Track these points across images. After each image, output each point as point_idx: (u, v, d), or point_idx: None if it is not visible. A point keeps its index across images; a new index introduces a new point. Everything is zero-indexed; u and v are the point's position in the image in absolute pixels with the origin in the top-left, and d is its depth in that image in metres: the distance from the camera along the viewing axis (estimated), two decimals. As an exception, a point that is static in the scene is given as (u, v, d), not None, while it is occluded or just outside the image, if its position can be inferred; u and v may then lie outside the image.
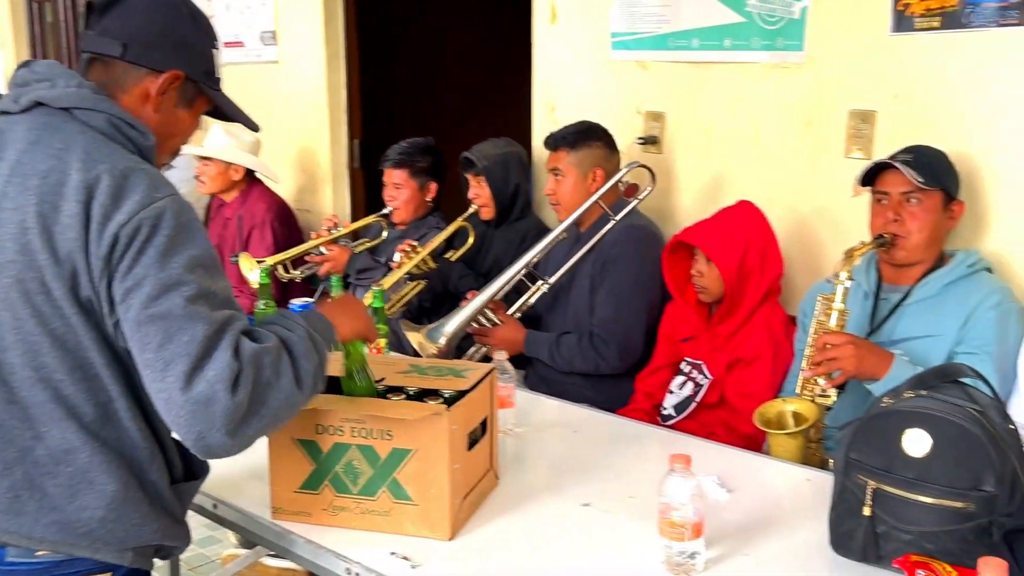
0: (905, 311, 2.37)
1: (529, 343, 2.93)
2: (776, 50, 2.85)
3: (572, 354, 2.86)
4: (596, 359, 2.82)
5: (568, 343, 2.87)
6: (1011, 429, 1.56)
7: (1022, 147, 2.45)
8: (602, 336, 2.82)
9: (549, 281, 2.96)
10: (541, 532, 1.74)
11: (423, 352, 2.79)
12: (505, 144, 3.39)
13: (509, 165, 3.32)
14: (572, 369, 2.88)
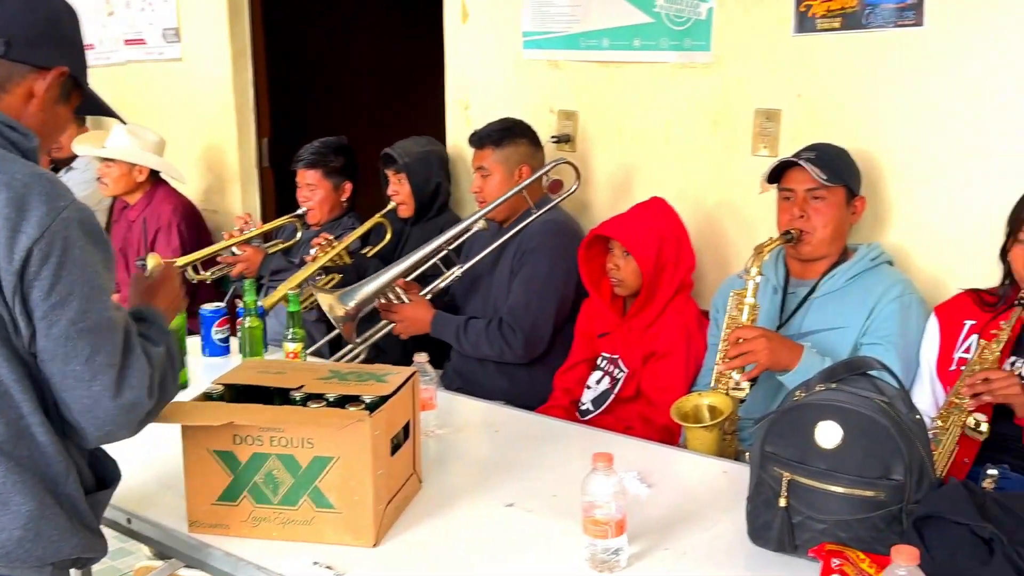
0: (812, 304, 2.45)
1: (436, 323, 2.91)
2: (684, 50, 2.90)
3: (479, 338, 2.85)
4: (502, 345, 2.83)
5: (476, 327, 2.87)
6: (917, 419, 1.62)
7: (918, 144, 2.55)
8: (510, 324, 2.83)
9: (463, 267, 2.96)
10: (465, 534, 1.74)
11: (332, 314, 2.79)
12: (427, 142, 3.38)
13: (431, 163, 3.31)
14: (477, 353, 2.88)
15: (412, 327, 2.93)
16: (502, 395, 2.82)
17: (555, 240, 2.88)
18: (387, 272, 2.90)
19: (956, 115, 2.48)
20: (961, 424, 2.07)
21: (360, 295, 2.83)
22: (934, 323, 2.33)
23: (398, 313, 2.92)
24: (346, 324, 2.85)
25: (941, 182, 2.53)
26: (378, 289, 2.87)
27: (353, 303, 2.82)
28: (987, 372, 2.01)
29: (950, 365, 2.24)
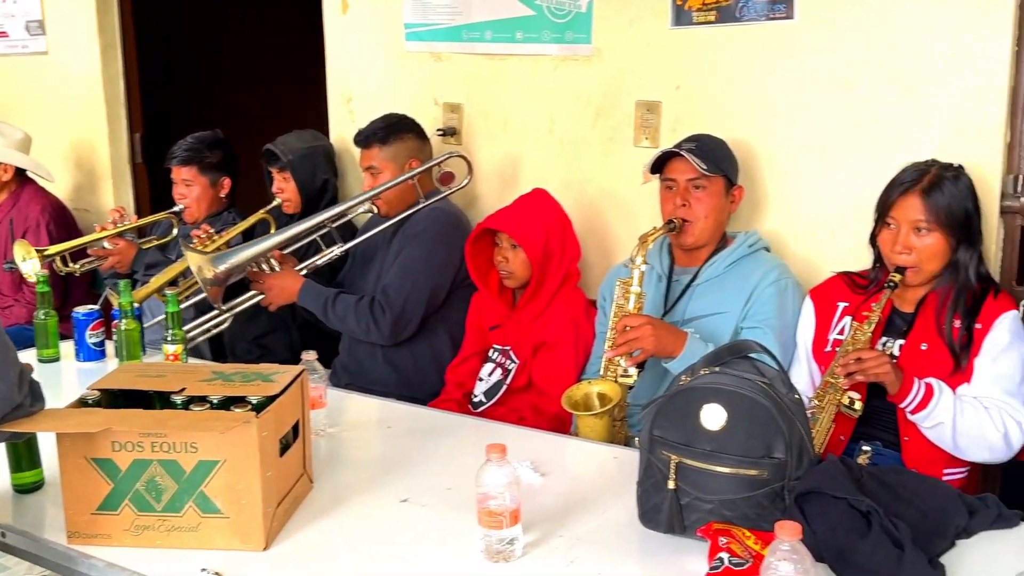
0: (695, 291, 2.51)
1: (304, 292, 2.85)
2: (565, 43, 2.93)
3: (347, 313, 2.81)
4: (369, 322, 2.79)
5: (346, 301, 2.82)
6: (795, 399, 1.68)
7: (791, 135, 2.64)
8: (381, 303, 2.80)
9: (344, 246, 2.92)
10: (359, 532, 1.71)
11: (200, 275, 2.72)
12: (311, 137, 3.30)
13: (316, 159, 3.25)
14: (342, 328, 2.84)
15: (280, 296, 2.86)
16: (391, 389, 2.79)
17: (438, 228, 2.87)
18: (263, 241, 2.83)
19: (826, 106, 2.58)
20: (837, 403, 2.16)
21: (233, 260, 2.75)
22: (809, 306, 2.42)
23: (266, 282, 2.85)
24: (213, 288, 2.76)
25: (813, 171, 2.63)
26: (252, 256, 2.79)
27: (224, 267, 2.73)
28: (860, 352, 2.10)
29: (825, 346, 2.33)
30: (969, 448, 2.10)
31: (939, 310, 2.20)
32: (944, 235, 2.17)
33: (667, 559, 1.59)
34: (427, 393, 2.84)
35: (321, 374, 2.14)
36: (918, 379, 2.09)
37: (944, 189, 2.16)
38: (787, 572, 1.28)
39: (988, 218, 2.35)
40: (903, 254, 2.20)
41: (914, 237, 2.19)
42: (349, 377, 2.94)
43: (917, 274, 2.21)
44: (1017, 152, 2.43)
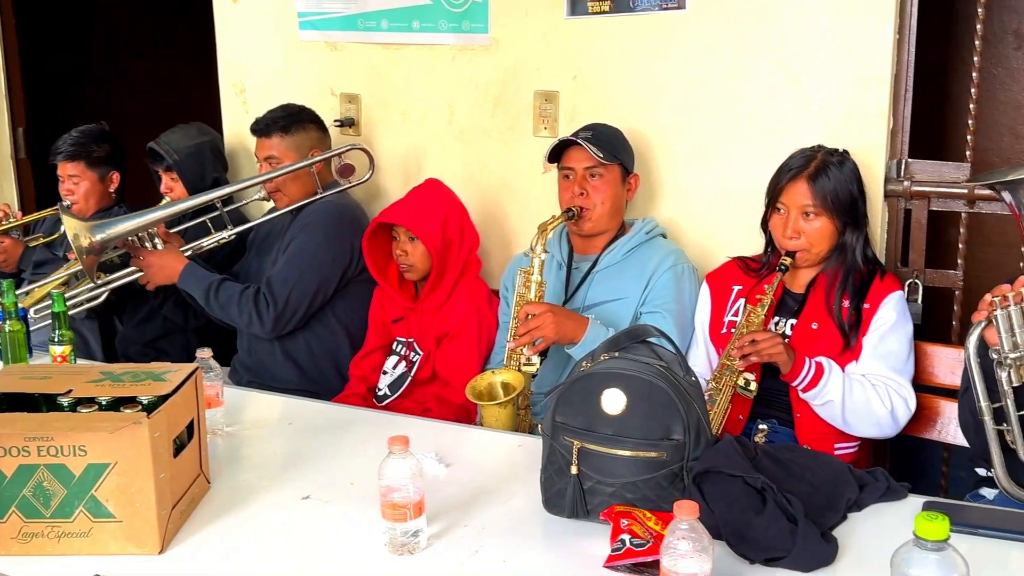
0: (595, 278, 2.54)
1: (186, 275, 2.75)
2: (463, 32, 2.92)
3: (230, 301, 2.73)
4: (251, 313, 2.72)
5: (230, 290, 2.74)
6: (692, 381, 1.71)
7: (684, 123, 2.69)
8: (266, 295, 2.72)
9: (234, 230, 2.85)
10: (260, 532, 1.68)
11: (76, 243, 2.60)
12: (197, 132, 3.18)
13: (204, 157, 3.13)
14: (223, 316, 2.76)
15: (159, 275, 2.76)
16: (293, 386, 2.75)
17: (330, 221, 2.80)
18: (146, 214, 2.72)
19: (717, 95, 2.64)
20: (733, 384, 2.22)
21: (112, 230, 2.63)
22: (705, 290, 2.47)
23: (147, 258, 2.75)
24: (89, 257, 2.64)
25: (706, 158, 2.68)
26: (133, 228, 2.68)
27: (102, 236, 2.61)
28: (753, 334, 2.16)
29: (721, 328, 2.39)
30: (858, 424, 2.17)
31: (828, 291, 2.27)
32: (831, 218, 2.25)
33: (571, 543, 1.61)
34: (330, 389, 2.80)
35: (217, 372, 2.09)
36: (809, 358, 2.16)
37: (830, 174, 2.24)
38: (686, 550, 1.30)
39: (873, 202, 2.44)
40: (793, 238, 2.27)
41: (803, 221, 2.25)
42: (250, 375, 2.88)
43: (807, 257, 2.28)
44: (900, 137, 2.52)
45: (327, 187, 2.89)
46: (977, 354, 1.85)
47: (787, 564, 1.47)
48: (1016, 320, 1.82)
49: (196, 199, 2.80)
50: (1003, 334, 1.82)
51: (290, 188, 2.86)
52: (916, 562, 1.14)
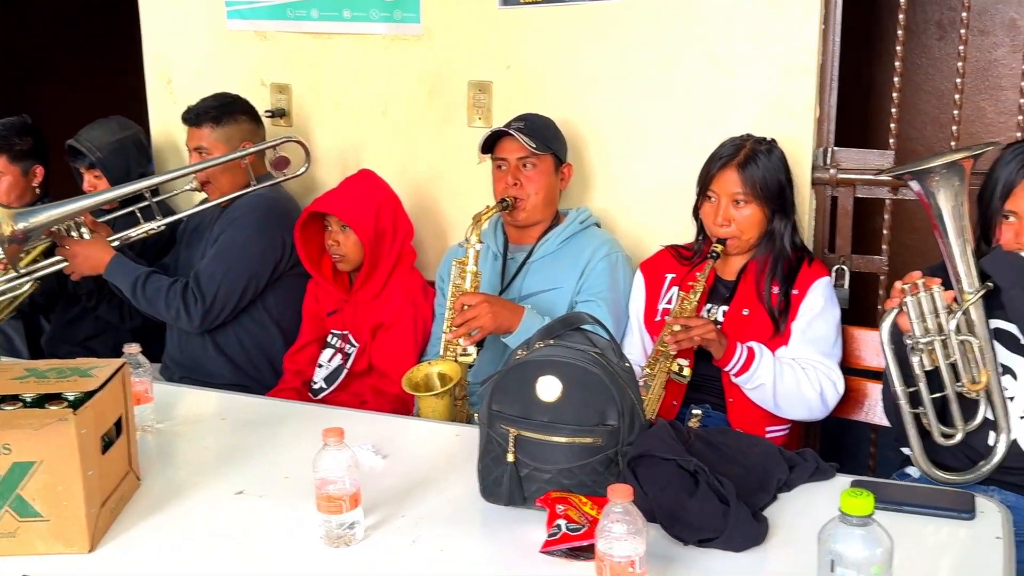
0: (530, 268, 2.55)
1: (113, 267, 2.68)
2: (395, 22, 2.90)
3: (157, 295, 2.67)
4: (179, 308, 2.66)
5: (158, 283, 2.68)
6: (626, 367, 1.73)
7: (616, 113, 2.71)
8: (194, 290, 2.68)
9: (163, 221, 2.79)
10: (192, 528, 1.65)
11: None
12: (118, 127, 3.09)
13: (127, 152, 3.05)
14: (150, 310, 2.71)
15: (85, 265, 2.68)
16: (227, 381, 2.71)
17: (260, 214, 2.75)
18: (72, 202, 2.63)
19: (648, 85, 2.66)
20: (667, 370, 2.24)
21: (35, 219, 2.54)
22: (639, 278, 2.50)
23: (72, 248, 2.67)
24: (11, 246, 2.55)
25: (638, 148, 2.71)
26: (58, 217, 2.59)
27: (25, 224, 2.52)
28: (686, 320, 2.19)
29: (655, 316, 2.41)
30: (789, 407, 2.22)
31: (758, 277, 2.32)
32: (760, 206, 2.29)
33: (508, 531, 1.61)
34: (265, 384, 2.76)
35: (146, 368, 2.04)
36: (741, 343, 2.19)
37: (759, 162, 2.27)
38: (620, 533, 1.31)
39: (800, 189, 2.49)
40: (724, 225, 2.30)
41: (733, 209, 2.29)
42: (182, 371, 2.83)
43: (737, 244, 2.32)
44: (826, 126, 2.58)
45: (260, 179, 2.84)
46: (891, 340, 1.92)
47: (719, 544, 1.50)
48: (926, 306, 1.90)
49: (125, 188, 2.74)
50: (914, 320, 1.90)
51: (220, 180, 2.81)
52: (842, 537, 1.17)
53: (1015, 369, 1.95)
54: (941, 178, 1.94)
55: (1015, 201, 1.93)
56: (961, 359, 1.92)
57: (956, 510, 1.62)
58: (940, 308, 1.90)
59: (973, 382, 1.92)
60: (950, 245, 1.95)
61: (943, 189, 1.94)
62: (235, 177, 2.82)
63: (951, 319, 1.90)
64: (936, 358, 1.91)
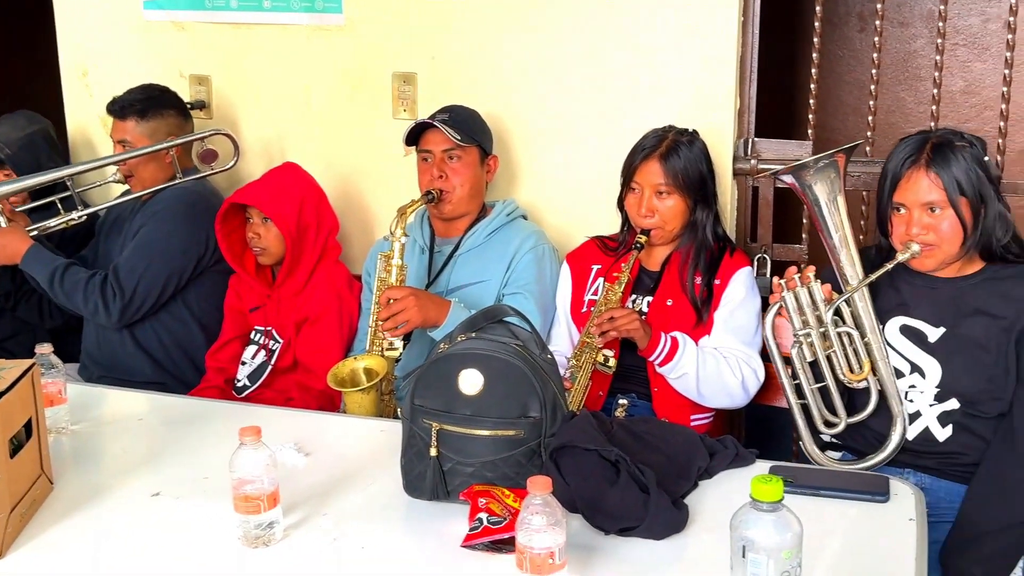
0: (457, 261, 2.54)
1: (30, 257, 2.60)
2: (316, 12, 2.86)
3: (76, 288, 2.60)
4: (98, 302, 2.60)
5: (77, 275, 2.61)
6: (548, 359, 1.73)
7: (541, 105, 2.71)
8: (113, 284, 2.61)
9: (84, 212, 2.73)
10: (107, 531, 1.61)
11: None
12: (27, 122, 2.98)
13: (37, 147, 2.94)
14: (68, 303, 2.64)
15: (1, 254, 2.60)
16: (148, 379, 2.65)
17: (183, 208, 2.69)
18: None
19: (573, 77, 2.67)
20: (593, 361, 2.25)
21: None
22: (566, 270, 2.50)
23: None
24: None
25: (564, 140, 2.72)
26: None
27: None
28: (611, 311, 2.20)
29: (582, 307, 2.42)
30: (711, 395, 2.25)
31: (682, 268, 2.34)
32: (682, 196, 2.31)
33: (431, 525, 1.61)
34: (187, 382, 2.71)
35: (59, 368, 1.98)
36: (665, 334, 2.21)
37: (680, 153, 2.29)
38: (539, 525, 1.32)
39: (722, 180, 2.52)
40: (647, 216, 2.32)
41: (656, 200, 2.31)
42: (101, 370, 2.76)
43: (661, 234, 2.34)
44: (747, 117, 2.61)
45: (187, 173, 2.78)
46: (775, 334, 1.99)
47: (640, 533, 1.51)
48: (804, 300, 1.95)
49: (44, 175, 2.66)
50: (792, 314, 1.95)
51: (143, 172, 2.74)
52: (752, 523, 1.18)
53: (922, 366, 1.99)
54: (816, 174, 2.00)
55: (902, 193, 1.95)
56: (840, 351, 1.98)
57: (871, 493, 1.65)
58: (819, 301, 1.96)
59: (852, 372, 1.97)
60: (831, 238, 2.01)
61: (818, 184, 2.00)
62: (159, 170, 2.76)
63: (828, 310, 1.95)
64: (815, 350, 1.96)
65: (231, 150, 2.85)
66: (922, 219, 1.92)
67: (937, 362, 1.97)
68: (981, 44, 4.22)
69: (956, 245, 1.93)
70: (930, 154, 1.91)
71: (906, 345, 2.00)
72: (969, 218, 1.91)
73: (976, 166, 1.91)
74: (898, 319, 2.02)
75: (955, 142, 1.92)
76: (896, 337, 2.02)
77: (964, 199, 1.90)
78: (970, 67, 4.26)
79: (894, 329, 2.02)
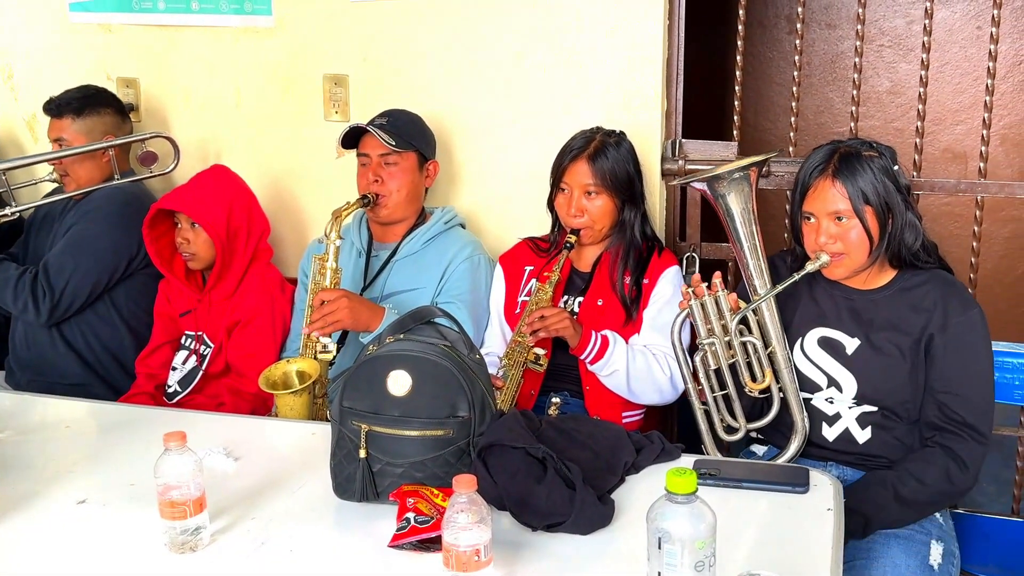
0: (394, 267, 2.55)
1: None
2: (245, 14, 2.85)
3: (6, 284, 2.59)
4: (27, 299, 2.59)
5: (7, 271, 2.60)
6: (477, 359, 1.74)
7: (472, 107, 2.73)
8: (43, 282, 2.60)
9: (17, 208, 2.68)
10: (29, 540, 1.58)
11: None
12: None
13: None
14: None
15: None
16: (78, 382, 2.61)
17: (114, 209, 2.68)
18: None
19: (504, 79, 2.69)
20: (524, 360, 2.27)
21: None
22: (499, 271, 2.53)
23: None
24: None
25: (496, 142, 2.73)
26: None
27: None
28: (542, 310, 2.22)
29: (515, 308, 2.45)
30: (642, 392, 2.29)
31: (612, 268, 2.38)
32: (611, 196, 2.34)
33: (361, 526, 1.61)
34: (117, 385, 2.68)
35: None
36: (595, 332, 2.24)
37: (608, 154, 2.33)
38: (465, 523, 1.33)
39: (651, 180, 2.56)
40: (577, 216, 2.35)
41: (585, 200, 2.34)
42: (30, 373, 2.72)
43: (590, 234, 2.37)
44: (674, 119, 2.66)
45: (125, 175, 2.78)
46: (681, 340, 2.05)
47: (567, 528, 1.54)
48: (711, 309, 1.99)
49: None
50: (698, 322, 2.00)
51: (78, 172, 2.72)
52: (668, 515, 1.21)
53: (839, 380, 2.03)
54: (729, 184, 2.03)
55: (811, 202, 1.97)
56: (743, 360, 2.02)
57: (791, 484, 1.70)
58: (724, 310, 2.00)
59: (753, 381, 2.03)
60: (741, 247, 2.05)
61: (731, 195, 2.04)
62: (95, 170, 2.74)
63: (733, 319, 1.99)
64: (719, 358, 2.01)
65: (171, 153, 2.84)
66: (830, 228, 1.95)
67: (853, 375, 2.01)
68: (906, 45, 4.34)
69: (864, 254, 1.96)
70: (837, 164, 1.94)
71: (824, 358, 2.04)
72: (875, 227, 1.94)
73: (884, 176, 1.94)
74: (817, 330, 2.05)
75: (863, 152, 1.95)
76: (814, 349, 2.05)
77: (870, 208, 1.93)
78: (896, 68, 4.38)
79: (812, 341, 2.06)
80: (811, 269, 1.97)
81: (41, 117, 2.82)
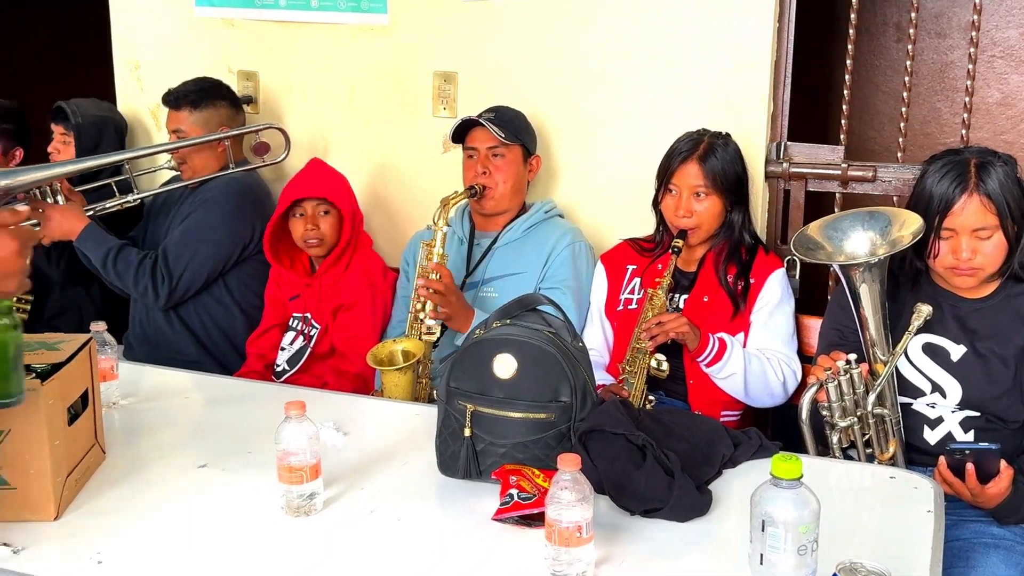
0: (495, 253, 2.61)
1: (86, 235, 2.71)
2: (362, 11, 2.95)
3: (128, 269, 2.72)
4: (148, 284, 2.72)
5: (130, 257, 2.73)
6: (580, 346, 1.79)
7: (576, 106, 2.77)
8: (162, 267, 2.73)
9: (140, 195, 2.86)
10: (155, 499, 1.69)
11: None
12: (108, 109, 3.18)
13: (106, 129, 3.09)
14: (119, 283, 2.76)
15: (58, 230, 2.70)
16: (192, 359, 2.75)
17: (231, 198, 2.81)
18: (52, 167, 2.68)
19: (607, 81, 2.72)
20: (646, 366, 2.28)
21: (18, 178, 2.50)
22: (600, 270, 2.57)
23: (47, 211, 2.68)
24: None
25: (599, 141, 2.77)
26: (38, 179, 2.58)
27: (8, 181, 2.48)
28: (660, 316, 2.24)
29: (617, 305, 2.48)
30: (757, 395, 2.30)
31: (717, 265, 2.39)
32: (720, 198, 2.36)
33: (463, 501, 1.67)
34: (229, 365, 2.81)
35: (112, 346, 2.08)
36: (712, 335, 2.26)
37: (717, 155, 2.35)
38: (568, 500, 1.38)
39: (754, 182, 2.56)
40: (685, 217, 2.37)
41: (694, 201, 2.36)
42: (147, 347, 2.86)
43: (697, 234, 2.39)
44: (780, 121, 2.66)
45: (239, 164, 2.90)
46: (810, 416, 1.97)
47: (664, 514, 1.57)
48: (845, 387, 1.93)
49: (104, 157, 2.76)
50: (834, 404, 1.94)
51: (195, 161, 2.86)
52: (772, 499, 1.24)
53: (943, 386, 2.02)
54: (864, 272, 1.97)
55: (953, 219, 1.95)
56: (875, 434, 1.98)
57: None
58: (857, 386, 1.94)
59: (882, 452, 2.00)
60: (867, 321, 1.98)
61: (863, 285, 1.97)
62: (210, 159, 2.88)
63: (869, 395, 1.94)
64: (854, 435, 1.96)
65: (283, 144, 2.95)
66: (971, 243, 1.95)
67: (958, 382, 2.00)
68: (1018, 57, 4.22)
69: (998, 265, 1.96)
70: (977, 177, 1.93)
71: (928, 364, 2.03)
72: (1015, 236, 1.95)
73: (1015, 185, 1.94)
74: (922, 336, 2.04)
75: (995, 162, 1.95)
76: (919, 355, 2.05)
77: (1011, 220, 1.93)
78: (1007, 79, 4.27)
79: (917, 347, 2.05)
80: (918, 325, 1.96)
81: (164, 107, 2.96)
